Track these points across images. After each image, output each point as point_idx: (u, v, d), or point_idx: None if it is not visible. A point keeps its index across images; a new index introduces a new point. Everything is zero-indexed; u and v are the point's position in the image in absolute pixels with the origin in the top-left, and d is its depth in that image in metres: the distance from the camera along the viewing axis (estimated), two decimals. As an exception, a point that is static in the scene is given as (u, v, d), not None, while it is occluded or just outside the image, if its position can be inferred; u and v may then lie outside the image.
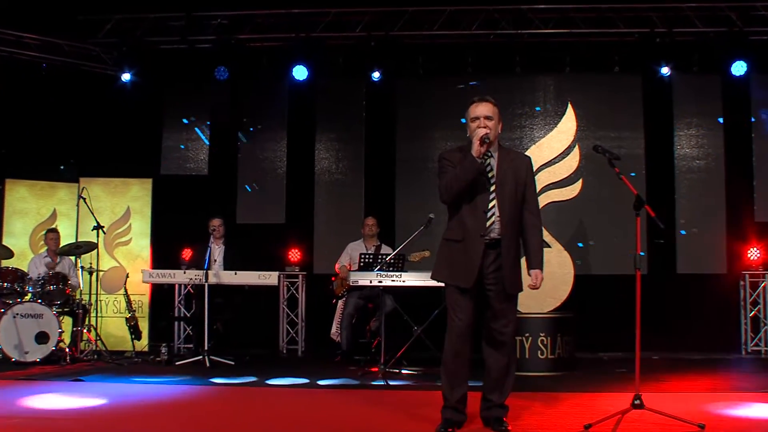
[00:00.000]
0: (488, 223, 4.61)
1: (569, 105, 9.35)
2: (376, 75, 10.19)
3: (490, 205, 4.63)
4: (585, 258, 9.90)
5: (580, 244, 9.94)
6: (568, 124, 9.19)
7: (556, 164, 9.03)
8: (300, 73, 10.19)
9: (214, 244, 9.15)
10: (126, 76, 10.24)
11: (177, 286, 9.89)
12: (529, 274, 4.76)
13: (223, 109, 10.78)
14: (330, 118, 10.75)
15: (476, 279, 4.59)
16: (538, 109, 10.33)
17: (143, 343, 9.60)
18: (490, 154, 4.71)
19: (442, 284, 4.79)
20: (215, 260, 9.15)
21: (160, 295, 10.01)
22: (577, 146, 9.27)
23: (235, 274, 8.52)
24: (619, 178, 5.12)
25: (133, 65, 10.23)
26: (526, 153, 9.07)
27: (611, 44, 9.89)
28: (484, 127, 4.66)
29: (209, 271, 8.39)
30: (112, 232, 10.14)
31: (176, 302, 9.95)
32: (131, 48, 10.21)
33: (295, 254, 10.30)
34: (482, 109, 4.74)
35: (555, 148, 9.12)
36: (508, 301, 4.71)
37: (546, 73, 10.32)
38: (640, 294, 4.97)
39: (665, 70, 9.87)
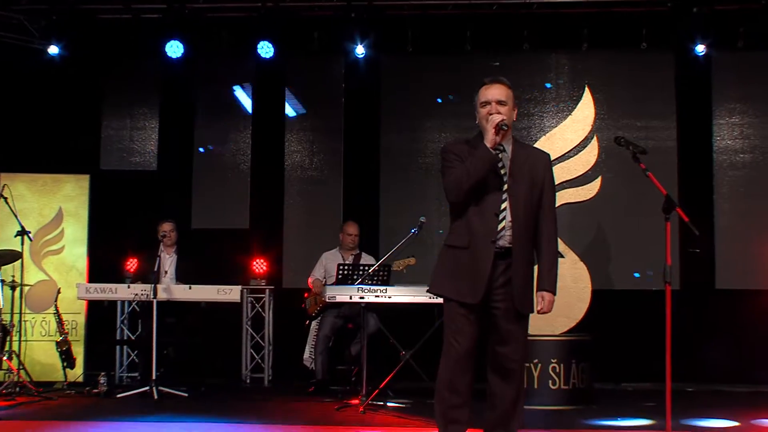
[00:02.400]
0: (499, 228, 4.59)
1: (586, 89, 9.31)
2: (359, 51, 10.18)
3: (502, 206, 4.61)
4: (605, 270, 9.91)
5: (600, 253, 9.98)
6: (585, 111, 9.16)
7: (571, 159, 9.02)
8: (266, 50, 10.17)
9: (165, 253, 9.09)
10: (54, 49, 10.17)
11: (119, 304, 9.83)
12: (536, 296, 4.74)
13: (175, 93, 10.75)
14: (303, 104, 10.73)
15: (484, 293, 4.56)
16: (548, 86, 10.37)
17: (77, 372, 9.52)
18: (502, 147, 4.70)
19: (437, 299, 4.77)
20: (166, 272, 9.11)
21: (99, 314, 9.94)
22: (595, 138, 9.24)
23: (190, 288, 8.49)
24: (645, 175, 5.12)
25: (65, 38, 10.17)
26: (536, 146, 9.18)
27: (638, 15, 9.89)
28: (497, 113, 4.65)
29: (158, 285, 8.35)
30: (40, 238, 10.05)
31: (118, 323, 9.89)
32: (62, 17, 10.13)
33: (260, 265, 10.26)
34: (494, 92, 4.74)
35: (569, 140, 9.09)
36: (517, 322, 4.68)
37: (559, 50, 10.34)
38: (671, 313, 4.96)
39: (702, 48, 9.90)
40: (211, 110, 10.80)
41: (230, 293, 8.51)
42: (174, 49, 10.19)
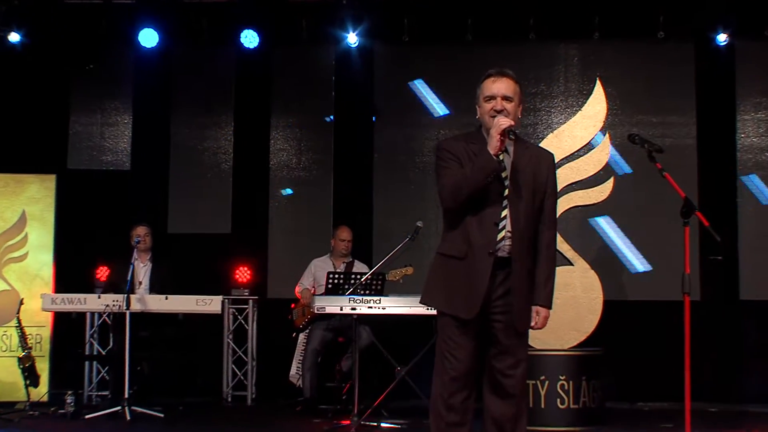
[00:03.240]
0: (498, 238, 4.58)
1: (598, 81, 9.32)
2: (351, 40, 10.19)
3: (502, 215, 4.60)
4: (618, 279, 9.92)
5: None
6: (597, 106, 9.17)
7: (580, 158, 9.02)
8: (250, 39, 10.18)
9: (139, 261, 9.09)
10: (15, 37, 10.11)
11: (89, 316, 9.81)
12: (531, 310, 4.72)
13: (151, 86, 10.74)
14: (290, 98, 10.75)
15: (481, 307, 4.57)
16: (557, 75, 10.39)
17: (42, 391, 9.51)
18: (504, 149, 4.69)
19: (435, 310, 4.76)
20: (140, 281, 9.11)
21: (66, 327, 9.91)
22: (607, 135, 9.25)
23: (166, 299, 8.48)
24: (662, 175, 5.13)
25: (27, 24, 10.11)
26: (541, 145, 9.18)
27: (654, 2, 9.90)
28: (502, 110, 4.64)
29: (132, 296, 8.34)
30: (1, 244, 10.06)
31: (87, 336, 9.88)
32: (24, 0, 10.09)
33: (243, 273, 10.26)
34: (501, 86, 4.70)
35: (578, 138, 9.10)
36: (518, 336, 4.68)
37: (568, 39, 10.36)
38: (691, 326, 4.97)
39: (724, 36, 9.93)
40: (189, 104, 10.80)
41: (210, 304, 8.49)
42: (148, 37, 10.19)
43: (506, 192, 4.61)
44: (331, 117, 10.58)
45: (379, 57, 10.57)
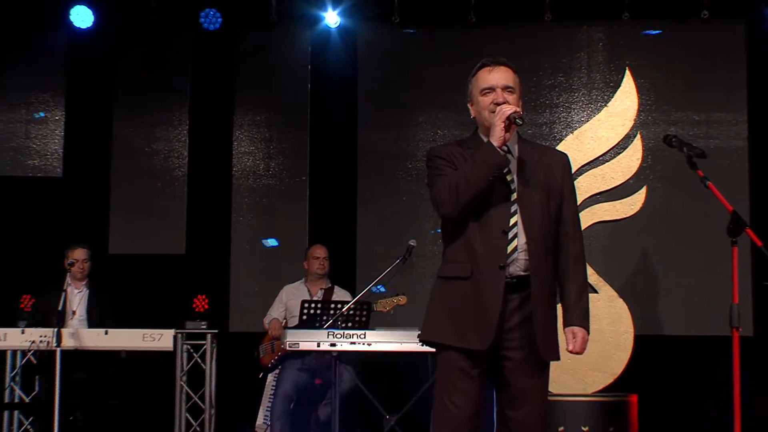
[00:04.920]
0: (509, 249, 4.57)
1: (627, 72, 9.40)
2: (330, 21, 10.20)
3: (512, 221, 4.59)
4: (652, 309, 9.91)
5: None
6: (626, 101, 9.24)
7: (607, 164, 9.08)
8: (211, 19, 10.16)
9: (73, 287, 9.08)
10: None
11: (10, 354, 9.71)
12: (565, 333, 4.72)
13: (87, 76, 10.73)
14: (258, 91, 10.75)
15: (494, 337, 4.54)
16: (577, 66, 10.41)
17: (-49, 446, 9.48)
18: (506, 148, 4.68)
19: (432, 348, 4.73)
20: (74, 312, 9.09)
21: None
22: (638, 136, 9.32)
23: (106, 333, 8.48)
24: (705, 185, 5.13)
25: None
26: (559, 147, 9.20)
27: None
28: (504, 102, 4.64)
29: (64, 330, 8.32)
30: None
31: (7, 380, 9.80)
32: None
33: (200, 303, 10.21)
34: (499, 75, 4.71)
35: (604, 139, 9.17)
36: (534, 375, 4.64)
37: (592, 21, 10.37)
38: (741, 366, 4.96)
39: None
40: (135, 98, 10.77)
41: (160, 339, 8.50)
42: (81, 16, 10.15)
43: (514, 195, 4.61)
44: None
45: (364, 41, 10.57)
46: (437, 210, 4.66)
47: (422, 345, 4.83)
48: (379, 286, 8.50)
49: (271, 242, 10.61)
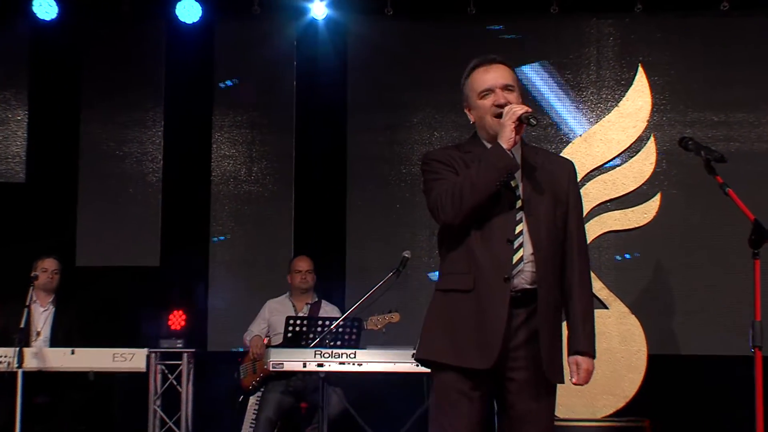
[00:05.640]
0: (515, 259, 4.57)
1: (640, 68, 9.38)
2: (317, 12, 10.20)
3: (517, 230, 4.58)
4: (667, 326, 9.92)
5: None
6: (638, 101, 9.22)
7: (617, 169, 9.07)
8: (189, 10, 10.16)
9: (37, 303, 9.07)
10: None
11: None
12: (568, 361, 4.71)
13: (53, 72, 10.72)
14: (237, 88, 10.74)
15: (498, 356, 4.53)
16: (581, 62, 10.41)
17: None
18: (510, 153, 4.68)
19: (428, 368, 4.72)
20: (38, 331, 9.08)
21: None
22: (651, 139, 9.29)
23: (72, 353, 8.46)
24: (724, 192, 5.13)
25: None
26: (565, 151, 9.20)
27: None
28: (506, 103, 4.62)
29: (26, 349, 8.31)
30: None
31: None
32: None
33: (176, 319, 10.19)
34: (497, 74, 4.70)
35: (614, 142, 9.14)
36: (540, 398, 4.62)
37: (601, 13, 10.39)
38: (763, 387, 4.96)
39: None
40: (105, 96, 10.77)
41: (131, 359, 8.47)
42: (45, 6, 10.12)
43: (519, 202, 4.61)
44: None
45: (354, 35, 10.57)
46: (436, 216, 4.62)
47: (418, 365, 4.82)
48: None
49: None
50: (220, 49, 10.75)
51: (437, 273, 4.84)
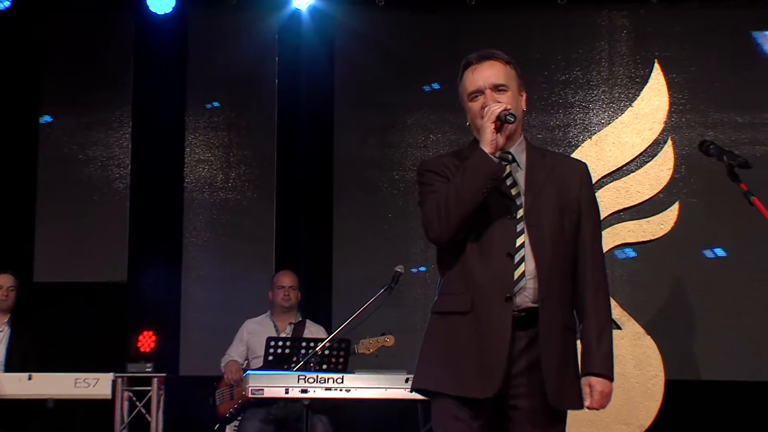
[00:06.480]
0: (516, 276, 4.57)
1: (656, 65, 9.42)
2: (300, 0, 10.20)
3: (518, 242, 4.58)
4: (686, 349, 9.92)
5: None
6: (654, 100, 9.26)
7: (631, 175, 9.10)
8: (160, 0, 10.18)
9: (-9, 323, 9.09)
10: None
11: None
12: (582, 383, 4.71)
13: (7, 68, 10.70)
14: (214, 86, 10.78)
15: (501, 383, 4.53)
16: (597, 62, 10.44)
17: None
18: (510, 156, 4.68)
19: (426, 397, 4.72)
20: (-8, 355, 9.10)
21: None
22: (669, 142, 9.33)
23: (29, 378, 8.49)
24: (748, 201, 5.13)
25: None
26: (574, 155, 9.22)
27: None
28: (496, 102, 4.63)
29: (-22, 375, 8.32)
30: None
31: None
32: None
33: (145, 341, 10.20)
34: (486, 73, 4.68)
35: (628, 146, 9.19)
36: (547, 428, 4.62)
37: (613, 4, 10.41)
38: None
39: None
40: (67, 94, 10.78)
41: (95, 385, 8.50)
42: (2, -2, 10.18)
43: (520, 212, 4.60)
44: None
45: (341, 27, 10.59)
46: (427, 235, 4.61)
47: (413, 392, 4.82)
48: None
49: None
50: (194, 42, 10.76)
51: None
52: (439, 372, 4.60)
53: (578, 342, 4.67)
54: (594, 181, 8.63)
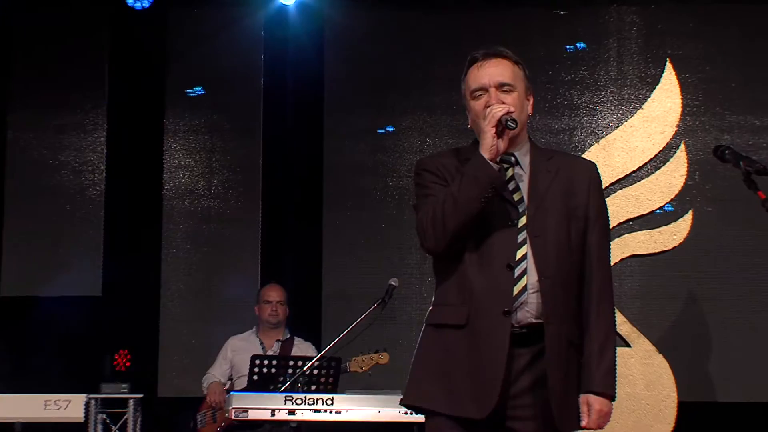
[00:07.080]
0: (516, 290, 4.55)
1: (668, 64, 9.43)
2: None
3: (519, 253, 4.58)
4: (700, 368, 9.92)
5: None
6: (666, 102, 9.27)
7: (642, 182, 9.11)
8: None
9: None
10: None
11: None
12: (579, 401, 4.69)
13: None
14: (194, 85, 10.76)
15: (496, 403, 4.53)
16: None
17: None
18: (512, 158, 4.69)
19: (418, 414, 4.72)
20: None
21: None
22: (682, 146, 9.34)
23: (-4, 400, 8.46)
24: (766, 209, 5.15)
25: None
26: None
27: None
28: (500, 104, 4.63)
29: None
30: None
31: None
32: None
33: (121, 359, 10.18)
34: (492, 71, 4.69)
35: (638, 150, 9.19)
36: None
37: (623, 1, 10.43)
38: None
39: None
40: (37, 95, 10.78)
41: (67, 407, 8.49)
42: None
43: (523, 220, 4.59)
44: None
45: (332, 24, 10.59)
46: (421, 244, 4.63)
47: (408, 413, 4.82)
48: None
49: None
50: (174, 40, 10.76)
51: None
52: (433, 389, 4.60)
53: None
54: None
